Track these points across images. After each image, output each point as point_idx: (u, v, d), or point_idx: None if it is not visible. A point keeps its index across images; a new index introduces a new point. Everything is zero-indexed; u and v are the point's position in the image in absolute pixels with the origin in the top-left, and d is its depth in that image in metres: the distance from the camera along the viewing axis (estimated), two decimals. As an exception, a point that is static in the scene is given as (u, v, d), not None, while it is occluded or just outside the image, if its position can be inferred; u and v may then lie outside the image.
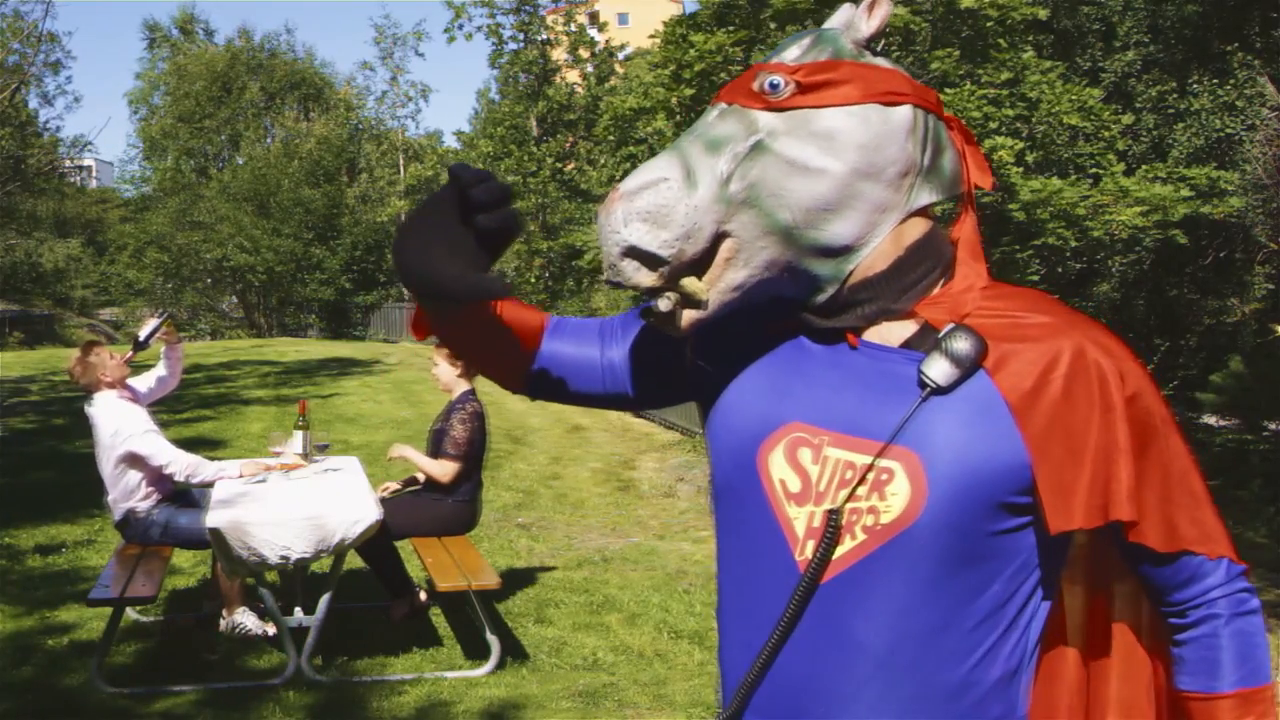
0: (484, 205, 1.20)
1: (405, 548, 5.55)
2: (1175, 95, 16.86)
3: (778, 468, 1.26)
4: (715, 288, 1.22)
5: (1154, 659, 1.32)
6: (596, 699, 4.39)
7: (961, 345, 1.20)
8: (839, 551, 1.21)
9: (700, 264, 1.21)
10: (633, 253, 1.20)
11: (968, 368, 1.19)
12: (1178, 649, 1.26)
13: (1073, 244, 15.06)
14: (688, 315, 1.23)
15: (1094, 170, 15.63)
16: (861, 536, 1.20)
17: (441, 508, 5.26)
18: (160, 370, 5.49)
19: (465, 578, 4.62)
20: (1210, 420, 12.72)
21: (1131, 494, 1.18)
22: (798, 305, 1.27)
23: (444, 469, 5.18)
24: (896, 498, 1.19)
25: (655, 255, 1.19)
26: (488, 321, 1.37)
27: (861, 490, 1.20)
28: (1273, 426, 11.52)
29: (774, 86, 1.21)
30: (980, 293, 1.26)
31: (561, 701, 4.36)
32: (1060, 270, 16.88)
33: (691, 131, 1.24)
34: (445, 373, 5.36)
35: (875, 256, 1.23)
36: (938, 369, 1.19)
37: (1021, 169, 14.83)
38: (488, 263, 1.24)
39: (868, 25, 1.26)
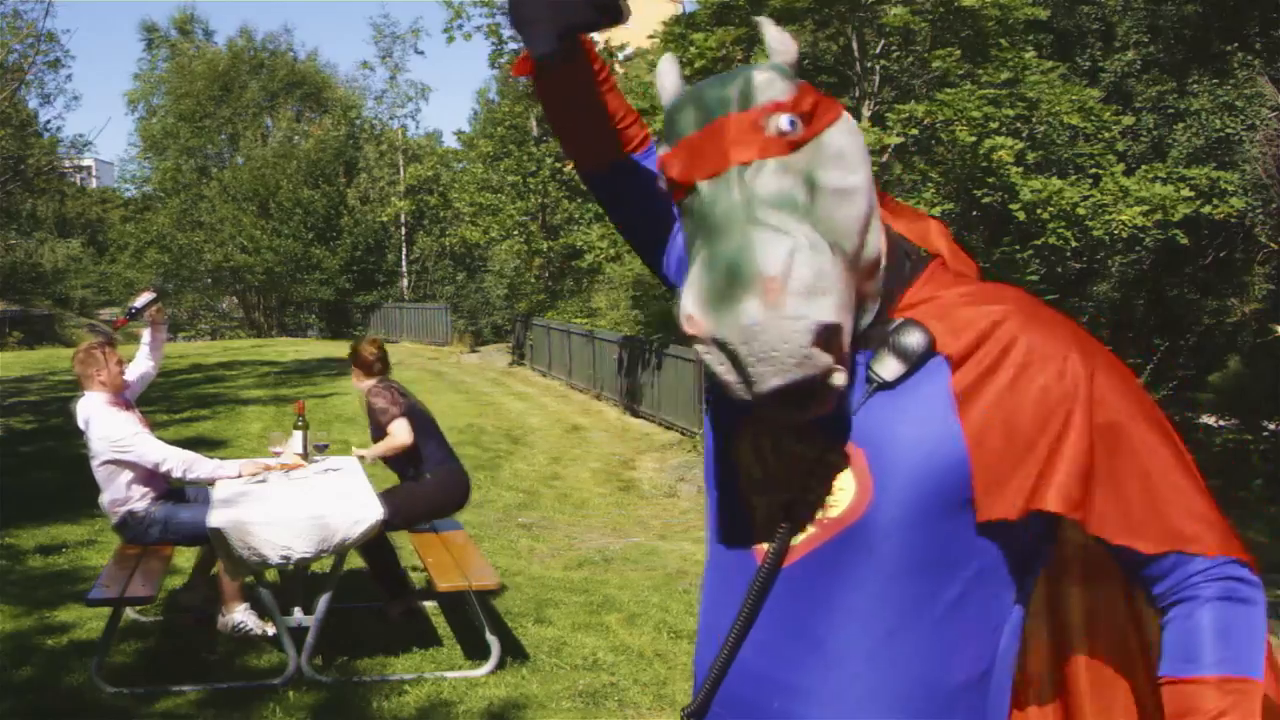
0: None
1: (406, 548, 5.55)
2: (1175, 95, 16.86)
3: (745, 456, 1.29)
4: (848, 343, 1.16)
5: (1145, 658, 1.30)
6: (597, 699, 4.39)
7: (908, 339, 1.20)
8: (794, 541, 1.23)
9: None
10: (824, 334, 1.09)
11: (914, 362, 1.19)
12: (1162, 637, 1.23)
13: (1073, 244, 15.05)
14: (842, 385, 1.15)
15: (1094, 170, 15.62)
16: (812, 529, 1.22)
17: (424, 486, 5.22)
18: (143, 355, 5.46)
19: (465, 578, 4.62)
20: (1210, 420, 12.73)
21: (1071, 486, 1.16)
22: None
23: (394, 435, 5.18)
24: (843, 492, 1.20)
25: (838, 327, 1.10)
26: (596, 85, 1.39)
27: (813, 483, 1.22)
28: (1272, 426, 11.53)
29: (793, 124, 1.18)
30: (955, 292, 1.27)
31: (562, 701, 4.36)
32: (1060, 270, 16.87)
33: (735, 208, 1.14)
34: (359, 384, 5.42)
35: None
36: (884, 365, 1.20)
37: (1021, 169, 14.82)
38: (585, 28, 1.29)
39: (791, 50, 1.24)
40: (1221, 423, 12.72)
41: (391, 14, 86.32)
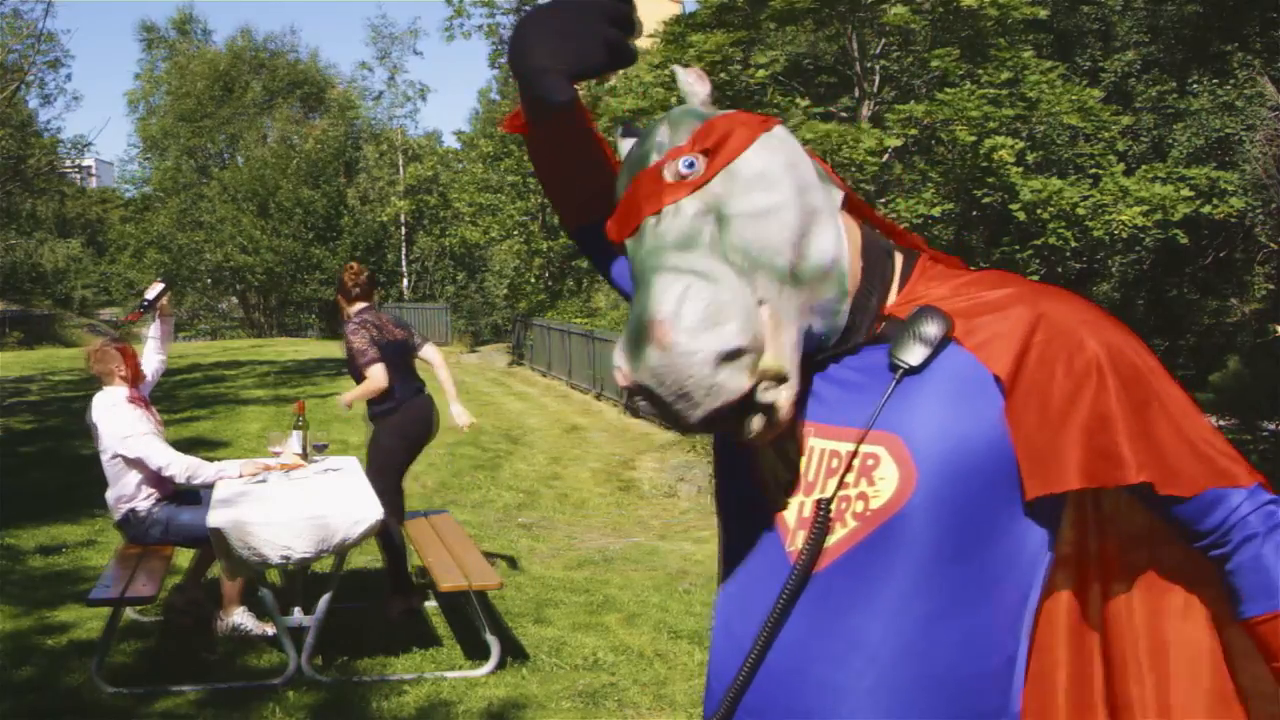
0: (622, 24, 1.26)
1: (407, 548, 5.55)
2: (1175, 95, 16.85)
3: (767, 459, 1.28)
4: (784, 356, 1.18)
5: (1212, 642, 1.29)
6: (597, 699, 4.39)
7: (927, 324, 1.22)
8: (830, 540, 1.22)
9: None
10: (725, 358, 1.13)
11: (936, 345, 1.21)
12: (1229, 579, 1.24)
13: (1073, 244, 15.05)
14: (784, 398, 1.16)
15: (1094, 170, 15.63)
16: (853, 524, 1.21)
17: (391, 420, 5.37)
18: (152, 350, 5.47)
19: (465, 578, 4.63)
20: (1209, 420, 12.72)
21: (1136, 455, 1.18)
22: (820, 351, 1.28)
23: (371, 379, 5.26)
24: (885, 482, 1.20)
25: (741, 349, 1.13)
26: (586, 138, 1.40)
27: (850, 478, 1.21)
28: (1272, 426, 11.53)
29: (691, 165, 1.22)
30: (941, 280, 1.29)
31: (562, 701, 4.37)
32: (1060, 270, 16.88)
33: (646, 258, 1.20)
34: (346, 311, 5.54)
35: (850, 269, 1.26)
36: (908, 350, 1.22)
37: (1021, 169, 14.82)
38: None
39: (703, 89, 1.30)
40: (1221, 423, 12.72)
41: (389, 14, 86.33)
